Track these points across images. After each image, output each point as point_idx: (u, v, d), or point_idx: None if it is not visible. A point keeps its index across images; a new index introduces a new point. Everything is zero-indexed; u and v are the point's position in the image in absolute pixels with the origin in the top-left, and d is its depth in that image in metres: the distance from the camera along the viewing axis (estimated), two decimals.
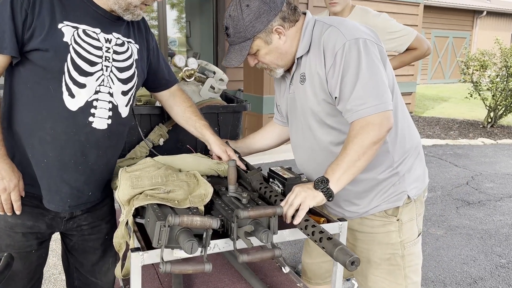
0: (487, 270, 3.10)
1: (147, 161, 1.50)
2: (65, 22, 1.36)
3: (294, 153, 1.73)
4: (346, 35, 1.38)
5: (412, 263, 1.61)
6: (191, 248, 1.09)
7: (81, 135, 1.41)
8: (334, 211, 1.66)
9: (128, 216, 1.31)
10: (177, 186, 1.40)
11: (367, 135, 1.33)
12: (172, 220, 1.09)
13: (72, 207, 1.49)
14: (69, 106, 1.38)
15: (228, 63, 1.51)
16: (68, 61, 1.35)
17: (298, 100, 1.56)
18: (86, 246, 1.64)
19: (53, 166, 1.41)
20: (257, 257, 1.20)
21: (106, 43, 1.44)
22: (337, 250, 1.15)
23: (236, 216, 1.20)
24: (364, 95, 1.34)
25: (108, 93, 1.44)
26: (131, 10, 1.43)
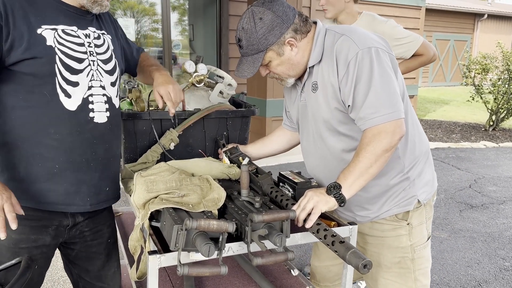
0: (491, 273, 3.12)
1: (162, 166, 1.53)
2: (43, 27, 1.36)
3: (305, 160, 1.75)
4: (358, 44, 1.40)
5: (422, 266, 1.64)
6: (208, 251, 1.12)
7: (86, 132, 1.43)
8: (345, 215, 1.69)
9: (144, 219, 1.34)
10: (191, 190, 1.43)
11: (380, 143, 1.36)
12: (189, 224, 1.12)
13: (94, 205, 1.51)
14: (68, 106, 1.39)
15: (241, 74, 1.53)
16: (57, 62, 1.37)
17: (310, 108, 1.59)
18: (89, 253, 1.64)
19: (67, 169, 1.42)
20: (271, 260, 1.23)
21: (87, 39, 1.46)
22: (349, 254, 1.17)
23: (250, 220, 1.22)
24: (376, 104, 1.37)
25: (100, 86, 1.47)
26: (99, 2, 1.46)
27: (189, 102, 2.02)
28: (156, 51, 6.99)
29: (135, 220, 1.43)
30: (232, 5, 6.84)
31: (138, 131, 1.90)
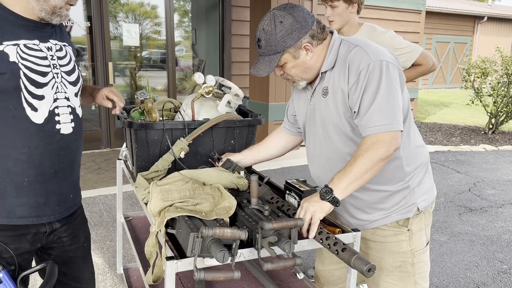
0: (489, 276, 3.20)
1: (176, 176, 1.62)
2: (4, 43, 1.38)
3: (310, 163, 1.84)
4: (371, 56, 1.50)
5: (421, 270, 1.73)
6: (223, 257, 1.20)
7: (54, 144, 1.48)
8: (347, 219, 1.77)
9: (161, 226, 1.42)
10: (204, 199, 1.52)
11: (377, 151, 1.45)
12: (206, 232, 1.20)
13: (62, 212, 1.58)
14: (35, 120, 1.43)
15: (257, 72, 1.61)
16: (22, 77, 1.39)
17: (318, 112, 1.67)
18: (66, 257, 1.68)
19: (36, 182, 1.46)
20: (280, 265, 1.32)
21: (49, 52, 1.49)
22: (354, 259, 1.26)
23: (261, 228, 1.31)
24: (379, 113, 1.46)
25: (65, 98, 1.51)
26: (58, 12, 1.46)
27: (199, 112, 2.11)
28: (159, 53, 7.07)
29: (151, 227, 1.51)
30: (234, 11, 6.93)
31: (150, 141, 1.99)
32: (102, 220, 3.87)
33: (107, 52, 6.12)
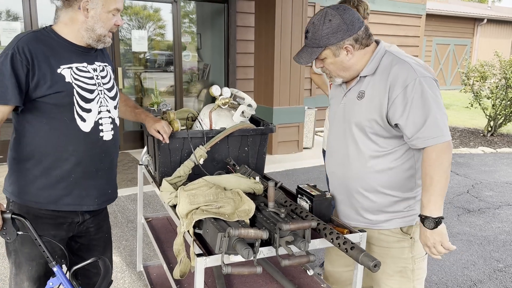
0: (485, 274, 3.38)
1: (200, 182, 1.80)
2: (61, 67, 1.68)
3: (328, 159, 1.96)
4: (417, 72, 1.61)
5: (419, 277, 1.86)
6: (248, 254, 1.38)
7: (97, 148, 1.79)
8: (351, 217, 1.89)
9: (189, 227, 1.60)
10: (226, 203, 1.70)
11: (445, 160, 1.59)
12: (233, 232, 1.38)
13: (100, 204, 1.88)
14: (83, 129, 1.74)
15: (298, 60, 1.74)
16: (75, 95, 1.70)
17: (348, 112, 1.78)
18: (91, 245, 1.98)
19: (81, 178, 1.78)
20: (296, 261, 1.50)
21: (95, 72, 1.80)
22: (362, 256, 1.43)
23: (279, 229, 1.49)
24: (436, 126, 1.58)
25: (107, 110, 1.82)
26: (102, 40, 1.77)
27: (216, 122, 2.28)
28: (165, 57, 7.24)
29: (178, 228, 1.69)
30: (239, 17, 7.11)
31: (172, 148, 2.17)
32: (117, 221, 4.05)
33: (117, 57, 6.30)
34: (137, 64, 6.89)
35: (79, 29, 1.72)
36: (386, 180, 1.75)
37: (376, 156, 1.74)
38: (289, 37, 6.27)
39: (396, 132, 1.69)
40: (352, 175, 1.79)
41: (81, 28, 1.72)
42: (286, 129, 6.50)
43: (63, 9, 1.71)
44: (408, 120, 1.61)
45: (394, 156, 1.73)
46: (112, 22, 1.75)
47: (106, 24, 1.74)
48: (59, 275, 1.63)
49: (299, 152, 6.76)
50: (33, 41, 1.65)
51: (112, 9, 1.72)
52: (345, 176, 1.84)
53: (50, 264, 1.64)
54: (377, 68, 1.70)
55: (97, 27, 1.72)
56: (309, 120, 6.93)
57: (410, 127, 1.61)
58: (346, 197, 1.87)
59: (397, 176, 1.73)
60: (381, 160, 1.74)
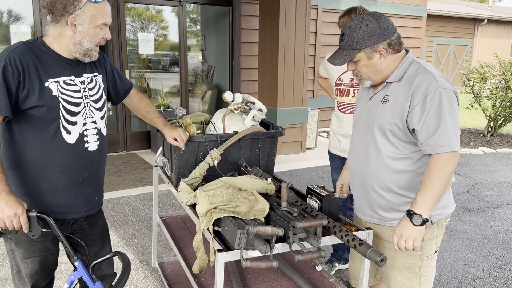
0: (485, 271, 3.50)
1: (218, 183, 1.92)
2: (49, 80, 1.74)
3: (350, 156, 2.10)
4: (439, 83, 1.72)
5: (427, 274, 1.96)
6: (265, 250, 1.51)
7: (82, 159, 1.85)
8: (366, 212, 2.02)
9: (209, 225, 1.73)
10: (242, 202, 1.82)
11: (447, 168, 1.70)
12: (252, 230, 1.51)
13: (87, 211, 1.95)
14: (68, 140, 1.80)
15: (332, 61, 1.86)
16: (61, 108, 1.76)
17: (372, 114, 1.90)
18: (87, 240, 1.99)
19: (67, 188, 1.85)
20: (308, 256, 1.62)
21: (82, 85, 1.84)
22: (369, 252, 1.56)
23: (293, 226, 1.62)
24: (446, 136, 1.69)
25: (92, 121, 1.87)
26: (89, 54, 1.82)
27: (229, 126, 2.41)
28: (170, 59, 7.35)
29: (197, 226, 1.82)
30: (244, 20, 7.22)
31: (188, 151, 2.30)
32: (128, 219, 4.18)
33: (124, 60, 6.42)
34: (140, 65, 7.01)
35: (67, 43, 1.76)
36: (400, 181, 1.86)
37: (394, 158, 1.85)
38: (293, 40, 6.38)
39: (413, 138, 1.79)
40: (370, 173, 1.92)
41: (69, 42, 1.76)
42: (290, 130, 6.62)
43: (52, 24, 1.75)
44: (422, 127, 1.72)
45: (410, 161, 1.83)
46: (99, 37, 1.79)
47: (94, 38, 1.77)
48: (80, 269, 1.77)
49: (302, 153, 6.88)
50: (25, 53, 1.70)
51: (100, 24, 1.75)
52: (364, 173, 1.96)
53: (72, 259, 1.77)
54: (404, 75, 1.81)
55: (84, 42, 1.76)
56: (312, 121, 7.06)
57: (423, 133, 1.72)
58: (363, 193, 2.00)
59: (411, 178, 1.84)
60: (398, 162, 1.85)
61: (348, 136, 2.96)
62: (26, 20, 5.77)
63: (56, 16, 1.71)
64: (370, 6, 8.49)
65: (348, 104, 2.94)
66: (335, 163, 3.14)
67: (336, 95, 3.02)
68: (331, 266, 3.30)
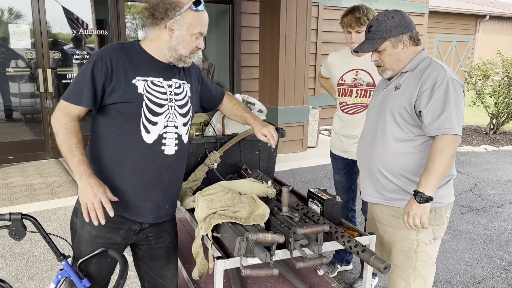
0: (489, 272, 3.46)
1: (217, 187, 1.88)
2: (137, 78, 1.76)
3: (360, 140, 2.25)
4: (448, 74, 1.89)
5: (422, 259, 2.04)
6: (265, 257, 1.47)
7: (157, 161, 1.80)
8: (368, 192, 2.15)
9: (208, 231, 1.69)
10: (241, 207, 1.78)
11: (449, 150, 1.84)
12: (251, 237, 1.47)
13: (155, 218, 1.88)
14: (146, 140, 1.77)
15: (361, 49, 2.06)
16: (143, 107, 1.75)
17: (384, 101, 2.06)
18: (153, 254, 2.00)
19: (138, 188, 1.80)
20: (310, 263, 1.58)
21: (169, 88, 1.84)
22: (373, 259, 1.52)
23: (294, 232, 1.57)
24: (449, 119, 1.84)
25: (174, 126, 1.83)
26: (183, 59, 1.83)
27: (229, 128, 2.37)
28: None
29: (196, 231, 1.78)
30: (244, 17, 7.17)
31: (187, 153, 2.25)
32: None
33: None
34: None
35: (163, 47, 1.79)
36: (402, 162, 1.99)
37: (399, 139, 1.99)
38: (294, 37, 6.33)
39: (419, 121, 1.93)
40: (375, 155, 2.06)
41: (164, 46, 1.78)
42: (291, 128, 6.58)
43: (151, 27, 1.79)
44: (429, 110, 1.87)
45: (414, 144, 1.97)
46: (194, 45, 1.80)
47: (188, 46, 1.79)
48: (66, 268, 1.76)
49: (303, 151, 6.84)
50: (116, 51, 1.76)
51: (196, 32, 1.78)
52: (370, 155, 2.10)
53: (58, 259, 1.75)
54: (417, 67, 1.99)
55: (179, 48, 1.78)
56: (313, 120, 7.01)
57: (429, 116, 1.87)
58: (368, 174, 2.14)
59: (412, 160, 1.97)
60: (402, 144, 1.98)
61: (350, 136, 2.92)
62: (25, 19, 5.72)
63: (157, 19, 1.75)
64: (372, 4, 8.43)
65: (350, 104, 2.90)
66: (337, 164, 3.10)
67: (338, 95, 2.97)
68: (333, 268, 3.26)
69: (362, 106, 2.84)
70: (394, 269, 2.11)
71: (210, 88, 2.16)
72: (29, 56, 5.81)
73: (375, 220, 2.22)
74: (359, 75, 2.84)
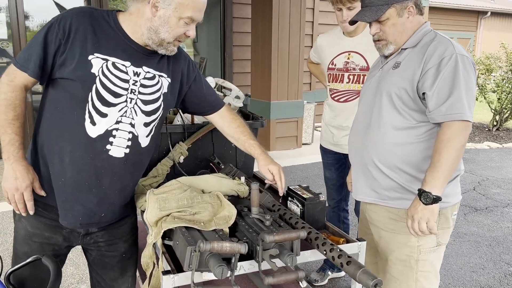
0: (496, 279, 3.14)
1: (173, 184, 1.56)
2: (95, 54, 1.43)
3: (351, 131, 1.94)
4: (456, 49, 1.59)
5: (424, 269, 1.74)
6: (222, 273, 1.15)
7: (97, 160, 1.47)
8: (360, 190, 1.85)
9: (157, 238, 1.36)
10: (202, 208, 1.46)
11: (459, 139, 1.54)
12: (203, 247, 1.15)
13: (84, 224, 1.54)
14: (89, 132, 1.44)
15: (361, 18, 1.73)
16: (93, 91, 1.42)
17: (380, 81, 1.76)
18: (104, 262, 1.70)
19: (69, 186, 1.48)
20: (282, 279, 1.26)
21: (134, 76, 1.49)
22: (360, 273, 1.19)
23: (261, 240, 1.25)
24: (459, 103, 1.54)
25: (129, 124, 1.49)
26: (165, 46, 1.50)
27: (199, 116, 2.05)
28: None
29: (147, 237, 1.45)
30: (236, 8, 6.86)
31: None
32: None
33: None
34: None
35: (142, 25, 1.47)
36: (402, 154, 1.69)
37: (398, 127, 1.69)
38: (287, 28, 6.02)
39: (422, 105, 1.64)
40: (369, 146, 1.76)
41: (144, 25, 1.46)
42: (284, 124, 6.26)
43: None
44: (434, 92, 1.58)
45: (416, 132, 1.67)
46: (181, 31, 1.48)
47: (174, 30, 1.47)
48: None
49: (298, 148, 6.51)
50: (81, 16, 1.44)
51: (186, 16, 1.46)
52: (363, 146, 1.80)
53: None
54: (419, 42, 1.70)
55: (162, 31, 1.46)
56: (308, 115, 6.69)
57: (434, 99, 1.58)
58: (360, 168, 1.83)
59: (413, 152, 1.68)
60: (402, 133, 1.69)
61: (342, 128, 2.60)
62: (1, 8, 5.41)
63: None
64: None
65: (342, 91, 2.57)
66: (328, 159, 2.78)
67: (328, 81, 2.65)
68: (323, 275, 2.93)
69: (355, 93, 2.51)
70: (391, 281, 1.79)
71: (205, 94, 1.76)
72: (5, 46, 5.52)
73: (368, 223, 1.90)
74: (351, 58, 2.51)
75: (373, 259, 1.94)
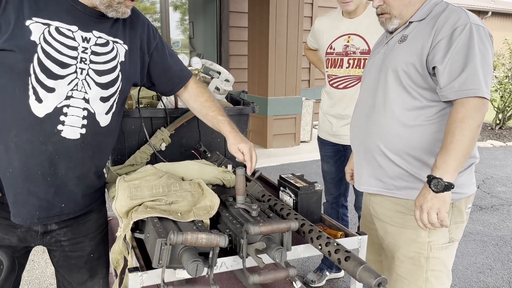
0: (504, 280, 2.96)
1: (148, 169, 1.37)
2: (34, 19, 1.22)
3: (353, 114, 1.75)
4: (470, 18, 1.40)
5: (435, 268, 1.56)
6: (196, 271, 0.96)
7: (49, 144, 1.25)
8: (364, 180, 1.66)
9: (126, 230, 1.18)
10: (180, 197, 1.28)
11: (474, 119, 1.34)
12: (174, 238, 0.96)
13: (42, 219, 1.32)
14: (35, 112, 1.22)
15: None
16: (34, 61, 1.21)
17: (385, 58, 1.58)
18: (69, 264, 1.48)
19: (19, 177, 1.26)
20: (269, 277, 1.07)
21: (84, 43, 1.29)
22: (360, 270, 1.01)
23: (245, 232, 1.07)
24: (474, 77, 1.36)
25: (83, 98, 1.27)
26: (115, 7, 1.31)
27: None
28: None
29: (117, 230, 1.27)
30: (232, 2, 6.69)
31: (126, 131, 1.75)
32: None
33: None
34: None
35: None
36: (411, 138, 1.51)
37: (406, 108, 1.51)
38: (285, 23, 5.85)
39: (432, 83, 1.45)
40: (374, 129, 1.58)
41: None
42: (282, 121, 6.08)
43: None
44: (446, 66, 1.39)
45: (426, 113, 1.48)
46: None
47: None
48: None
49: (296, 146, 6.33)
50: None
51: None
52: (367, 130, 1.62)
53: None
54: (428, 14, 1.51)
55: None
56: (306, 112, 6.50)
57: (446, 73, 1.39)
58: (364, 156, 1.65)
59: (423, 135, 1.49)
60: (410, 114, 1.50)
61: (341, 117, 2.41)
62: None
63: None
64: None
65: (341, 77, 2.39)
66: (326, 151, 2.59)
67: (326, 67, 2.46)
68: (320, 276, 2.74)
69: (355, 79, 2.33)
70: (398, 282, 1.61)
71: (171, 64, 1.56)
72: None
73: (372, 217, 1.71)
74: (351, 41, 2.33)
75: (377, 257, 1.75)
